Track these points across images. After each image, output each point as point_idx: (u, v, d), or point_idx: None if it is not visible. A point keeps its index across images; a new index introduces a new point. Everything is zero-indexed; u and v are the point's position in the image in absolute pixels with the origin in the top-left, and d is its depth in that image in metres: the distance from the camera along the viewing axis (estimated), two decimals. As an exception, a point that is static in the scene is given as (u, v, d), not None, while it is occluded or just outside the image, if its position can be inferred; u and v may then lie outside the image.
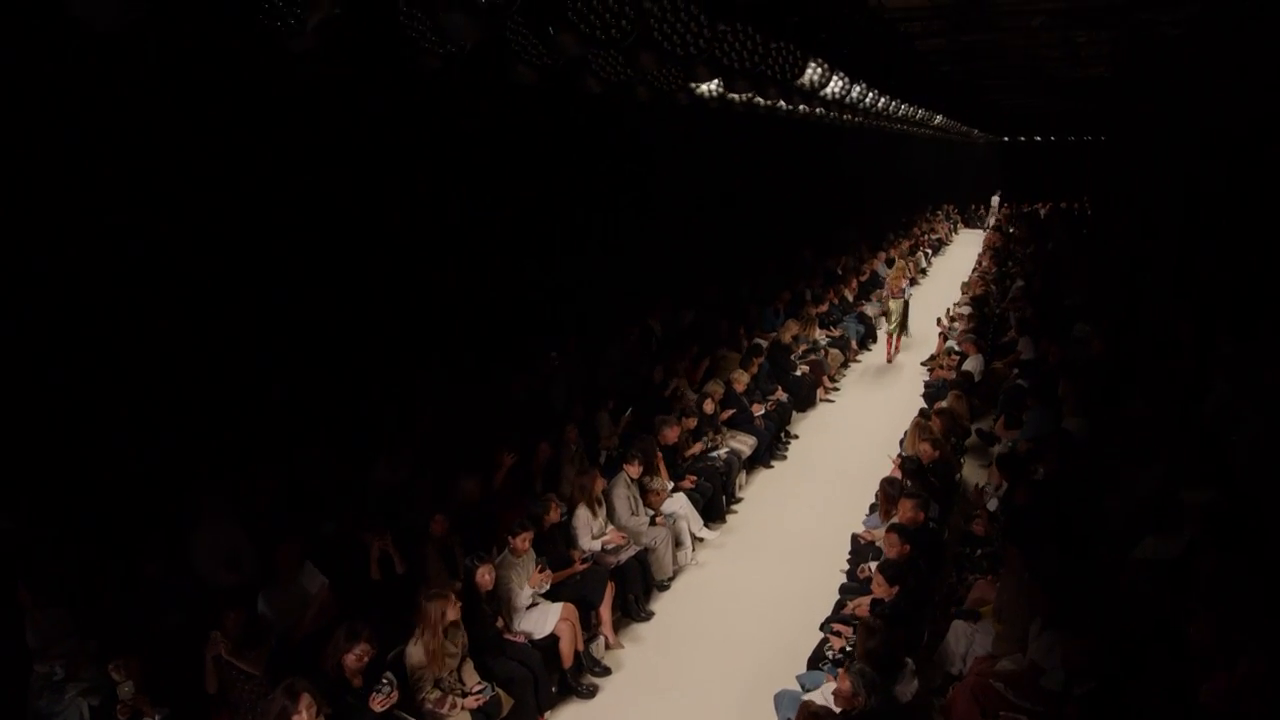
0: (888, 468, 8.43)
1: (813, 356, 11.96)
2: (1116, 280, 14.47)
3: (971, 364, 10.41)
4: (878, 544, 6.45)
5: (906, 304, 14.23)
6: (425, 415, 7.66)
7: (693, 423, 8.45)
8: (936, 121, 13.52)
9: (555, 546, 6.32)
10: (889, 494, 6.38)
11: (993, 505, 7.41)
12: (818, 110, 9.95)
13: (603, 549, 6.58)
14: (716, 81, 6.18)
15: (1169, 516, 6.07)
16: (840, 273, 16.90)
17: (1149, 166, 20.85)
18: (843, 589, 6.20)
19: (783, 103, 8.62)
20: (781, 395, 10.50)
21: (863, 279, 16.72)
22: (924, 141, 24.88)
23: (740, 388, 9.53)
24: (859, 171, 24.41)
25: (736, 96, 7.94)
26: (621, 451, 7.86)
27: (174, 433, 6.09)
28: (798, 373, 11.53)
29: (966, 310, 13.23)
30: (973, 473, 9.23)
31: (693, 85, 6.41)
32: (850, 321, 14.53)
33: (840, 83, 8.05)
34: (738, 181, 16.70)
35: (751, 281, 15.28)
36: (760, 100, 8.57)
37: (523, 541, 5.86)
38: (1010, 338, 12.77)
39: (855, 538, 6.77)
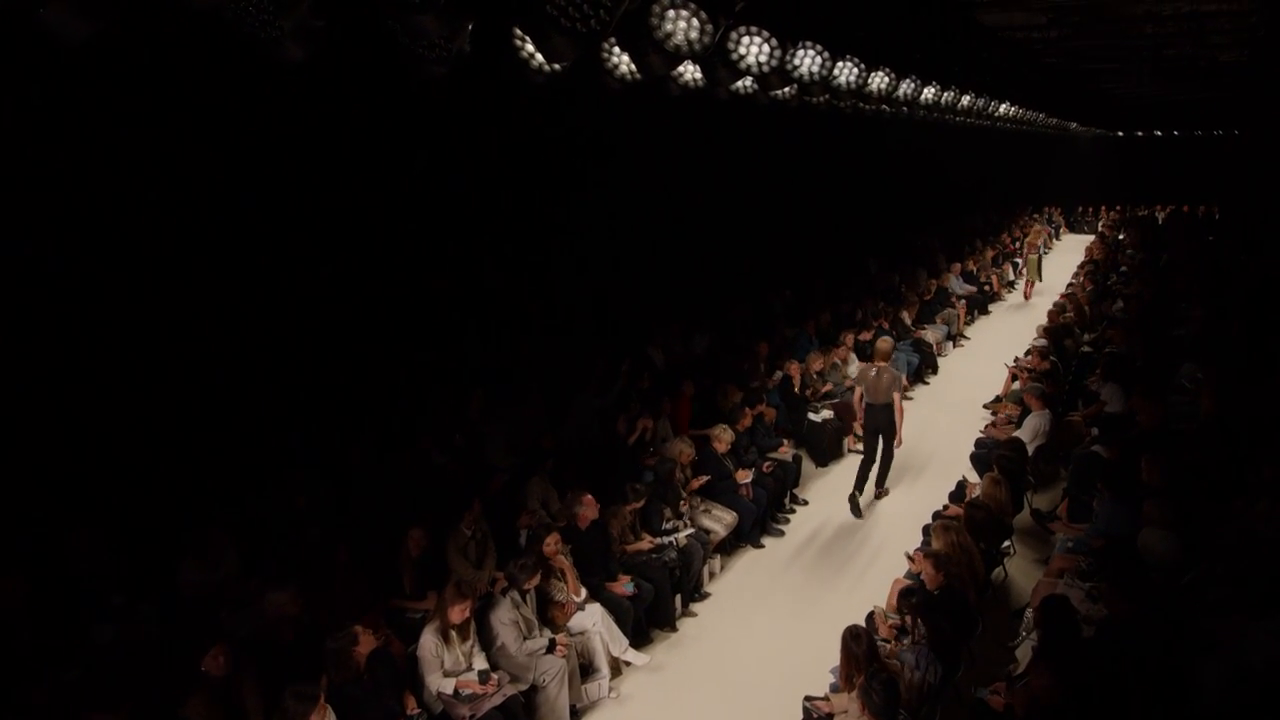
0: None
1: (835, 401, 9.80)
2: (1243, 307, 11.66)
3: (1030, 426, 8.08)
4: (836, 721, 4.46)
5: (1041, 259, 18.67)
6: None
7: (639, 503, 6.53)
8: (1001, 111, 11.10)
9: (375, 695, 4.57)
10: (852, 654, 4.35)
11: (1027, 650, 5.28)
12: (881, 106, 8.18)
13: (456, 694, 4.81)
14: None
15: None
16: (900, 290, 14.55)
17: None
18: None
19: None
20: (786, 453, 8.47)
21: (927, 298, 14.32)
22: (1016, 135, 21.94)
23: (722, 447, 7.55)
24: (939, 169, 21.72)
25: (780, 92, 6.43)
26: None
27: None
28: (817, 418, 9.44)
29: (1042, 343, 10.77)
30: (1019, 574, 7.02)
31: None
32: (903, 350, 12.23)
33: (884, 78, 6.21)
34: (784, 182, 14.58)
35: (790, 298, 13.19)
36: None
37: (318, 714, 4.14)
38: (1097, 379, 10.28)
39: (807, 707, 4.75)
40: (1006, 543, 6.76)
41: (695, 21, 3.51)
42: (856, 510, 8.19)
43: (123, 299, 5.40)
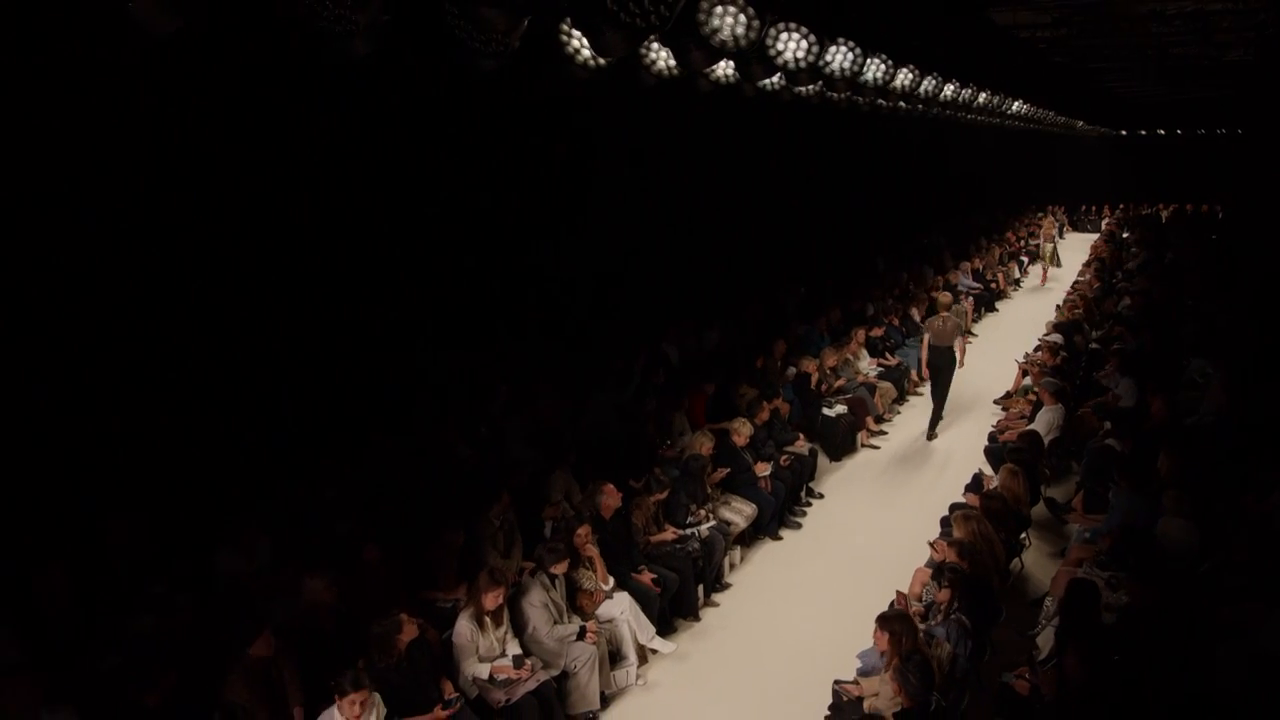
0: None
1: (848, 396, 9.90)
2: (1250, 304, 11.76)
3: (1044, 419, 8.17)
4: (866, 705, 4.56)
5: (1055, 247, 20.19)
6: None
7: (663, 494, 6.64)
8: (1014, 109, 11.19)
9: (415, 680, 4.67)
10: (895, 634, 4.43)
11: (1048, 637, 5.38)
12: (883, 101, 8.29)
13: (491, 679, 4.92)
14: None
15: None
16: (909, 288, 14.65)
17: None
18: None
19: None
20: (803, 447, 8.55)
21: (934, 294, 14.39)
22: (1021, 134, 22.02)
23: (741, 441, 7.65)
24: (945, 169, 21.82)
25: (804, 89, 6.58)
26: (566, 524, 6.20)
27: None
28: (831, 413, 9.55)
29: (1054, 339, 10.86)
30: (1035, 564, 7.12)
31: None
32: (913, 347, 12.33)
33: (908, 76, 6.33)
34: (795, 180, 14.67)
35: (803, 295, 13.28)
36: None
37: (352, 704, 4.20)
38: (1108, 374, 10.38)
39: (837, 690, 4.85)
40: (1023, 534, 6.86)
41: (743, 18, 3.58)
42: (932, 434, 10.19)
43: (162, 294, 5.50)
